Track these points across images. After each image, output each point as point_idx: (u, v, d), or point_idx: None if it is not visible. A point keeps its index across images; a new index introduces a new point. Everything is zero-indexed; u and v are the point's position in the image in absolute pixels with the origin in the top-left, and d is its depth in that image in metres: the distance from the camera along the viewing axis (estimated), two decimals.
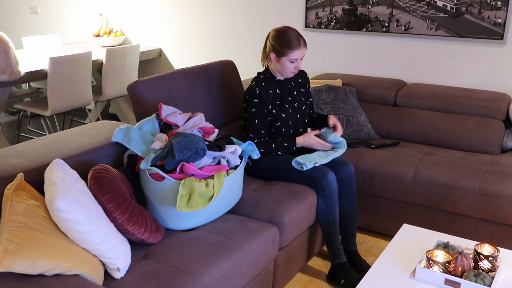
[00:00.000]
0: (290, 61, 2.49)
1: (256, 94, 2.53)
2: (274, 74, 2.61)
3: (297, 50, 2.46)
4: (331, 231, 2.47)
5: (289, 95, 2.65)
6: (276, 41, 2.49)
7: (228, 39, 4.38)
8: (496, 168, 2.72)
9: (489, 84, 3.37)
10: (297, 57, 2.48)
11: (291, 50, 2.46)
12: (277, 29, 2.52)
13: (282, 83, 2.63)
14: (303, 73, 2.75)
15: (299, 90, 2.70)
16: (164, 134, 2.27)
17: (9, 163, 1.92)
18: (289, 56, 2.47)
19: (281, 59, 2.50)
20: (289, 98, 2.64)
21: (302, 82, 2.73)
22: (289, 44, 2.46)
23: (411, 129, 3.23)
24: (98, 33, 4.92)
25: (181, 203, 1.96)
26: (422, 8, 3.42)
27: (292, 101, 2.64)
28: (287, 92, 2.64)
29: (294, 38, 2.46)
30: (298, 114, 2.66)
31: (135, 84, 2.54)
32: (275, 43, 2.50)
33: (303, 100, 2.69)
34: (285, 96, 2.62)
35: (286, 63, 2.50)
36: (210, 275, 1.81)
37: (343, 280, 2.45)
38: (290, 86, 2.66)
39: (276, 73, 2.60)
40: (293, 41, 2.46)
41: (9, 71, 3.50)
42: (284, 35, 2.48)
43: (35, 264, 1.48)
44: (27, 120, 5.23)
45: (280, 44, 2.47)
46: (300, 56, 2.49)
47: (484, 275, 1.76)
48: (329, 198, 2.45)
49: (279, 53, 2.49)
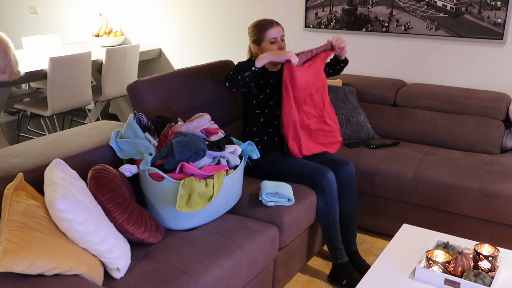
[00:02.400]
0: (270, 43, 2.56)
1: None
2: (266, 68, 2.66)
3: (271, 28, 2.57)
4: (332, 231, 2.47)
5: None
6: (252, 31, 2.62)
7: (228, 39, 4.38)
8: (496, 168, 2.72)
9: (489, 84, 3.37)
10: (275, 35, 2.56)
11: (265, 31, 2.56)
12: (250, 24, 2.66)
13: (274, 73, 2.66)
14: None
15: None
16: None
17: (9, 163, 1.92)
18: (267, 37, 2.56)
19: (262, 45, 2.59)
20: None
21: None
22: (262, 27, 2.57)
23: (411, 129, 3.23)
24: (98, 33, 4.92)
25: (181, 203, 1.96)
26: (422, 8, 3.42)
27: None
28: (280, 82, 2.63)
29: (265, 21, 2.59)
30: None
31: (135, 84, 2.54)
32: (252, 33, 2.63)
33: None
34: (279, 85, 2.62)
35: (267, 46, 2.58)
36: (210, 275, 1.81)
37: (345, 281, 2.45)
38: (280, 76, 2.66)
39: (267, 65, 2.64)
40: (265, 23, 2.58)
41: (9, 71, 3.50)
42: (256, 23, 2.63)
43: (35, 264, 1.48)
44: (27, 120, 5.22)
45: (255, 31, 2.60)
46: (278, 35, 2.57)
47: (484, 275, 1.76)
48: (329, 198, 2.44)
49: (259, 40, 2.59)
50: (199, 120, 2.36)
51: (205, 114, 2.42)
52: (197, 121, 2.36)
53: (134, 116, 2.28)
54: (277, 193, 2.33)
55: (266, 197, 2.32)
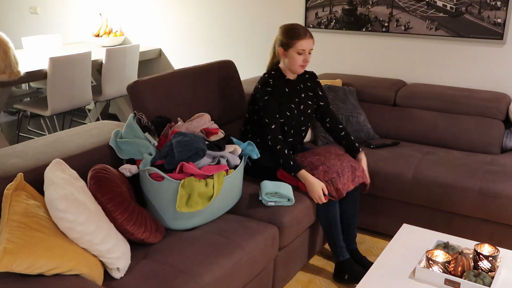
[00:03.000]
0: (297, 53, 2.50)
1: (270, 84, 2.55)
2: (284, 73, 2.62)
3: (304, 40, 2.48)
4: (333, 230, 2.47)
5: (296, 96, 2.64)
6: (283, 34, 2.53)
7: (228, 39, 4.38)
8: (496, 168, 2.72)
9: (489, 84, 3.37)
10: (304, 47, 2.49)
11: (297, 40, 2.48)
12: (284, 24, 2.57)
13: (291, 83, 2.63)
14: (313, 76, 2.74)
15: (307, 93, 2.68)
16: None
17: (9, 163, 1.92)
18: (296, 47, 2.48)
19: (289, 51, 2.52)
20: (296, 99, 2.63)
21: (311, 86, 2.71)
22: (295, 35, 2.49)
23: (411, 129, 3.23)
24: (97, 33, 4.92)
25: (181, 203, 1.96)
26: (421, 8, 3.42)
27: (299, 102, 2.63)
28: (295, 92, 2.64)
29: (300, 29, 2.51)
30: (303, 117, 2.65)
31: (135, 84, 2.54)
32: (282, 36, 2.54)
33: (309, 104, 2.68)
34: (293, 96, 2.62)
35: (294, 55, 2.51)
36: (210, 275, 1.81)
37: (346, 276, 2.46)
38: (299, 87, 2.66)
39: (286, 71, 2.61)
40: (299, 31, 2.49)
41: (9, 71, 3.50)
42: (291, 27, 2.53)
43: (35, 264, 1.48)
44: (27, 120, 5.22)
45: (287, 36, 2.51)
46: (307, 47, 2.50)
47: (484, 275, 1.76)
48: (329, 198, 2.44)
49: (286, 46, 2.51)
50: (199, 120, 2.36)
51: (205, 114, 2.42)
52: (197, 121, 2.36)
53: (134, 116, 2.28)
54: (277, 193, 2.33)
55: (266, 197, 2.32)
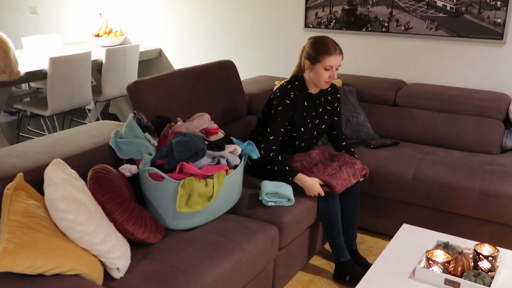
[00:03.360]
0: (324, 69, 2.43)
1: (290, 96, 2.50)
2: (308, 85, 2.57)
3: (333, 56, 2.41)
4: (333, 231, 2.47)
5: (314, 110, 2.61)
6: (312, 47, 2.46)
7: (228, 39, 4.38)
8: (496, 168, 2.72)
9: (489, 84, 3.37)
10: (332, 64, 2.42)
11: (326, 56, 2.40)
12: (314, 37, 2.50)
13: (311, 97, 2.59)
14: (335, 91, 2.69)
15: (325, 107, 2.66)
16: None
17: (9, 163, 1.92)
18: (324, 63, 2.41)
19: (316, 66, 2.44)
20: (313, 113, 2.61)
21: (331, 101, 2.68)
22: (324, 50, 2.41)
23: (411, 129, 3.23)
24: (97, 33, 4.92)
25: (181, 203, 1.96)
26: (421, 8, 3.42)
27: (315, 116, 2.61)
28: (313, 107, 2.60)
29: (330, 45, 2.43)
30: (316, 131, 2.64)
31: (135, 84, 2.54)
32: (310, 49, 2.46)
33: (325, 119, 2.66)
34: (310, 110, 2.59)
35: (320, 71, 2.44)
36: (210, 275, 1.81)
37: (348, 277, 2.46)
38: (319, 101, 2.62)
39: (310, 84, 2.55)
40: (329, 47, 2.42)
41: (9, 71, 3.50)
42: (321, 41, 2.46)
43: (35, 264, 1.48)
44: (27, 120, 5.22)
45: (316, 50, 2.44)
46: (335, 64, 2.43)
47: (483, 275, 1.76)
48: (330, 198, 2.44)
49: (314, 60, 2.44)
50: (199, 120, 2.36)
51: (205, 114, 2.42)
52: (197, 121, 2.36)
53: (134, 116, 2.28)
54: (277, 193, 2.33)
55: (266, 197, 2.32)
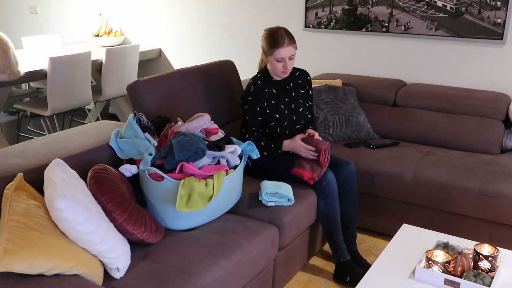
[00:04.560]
0: (276, 60, 2.49)
1: (250, 92, 2.55)
2: (271, 75, 2.62)
3: (281, 48, 2.44)
4: (333, 231, 2.47)
5: (286, 95, 2.64)
6: (264, 40, 2.53)
7: (228, 39, 4.38)
8: (496, 168, 2.72)
9: (488, 84, 3.37)
10: (282, 55, 2.46)
11: (275, 49, 2.46)
12: (266, 29, 2.55)
13: (279, 83, 2.63)
14: (304, 74, 2.73)
15: (298, 91, 2.68)
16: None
17: (9, 163, 1.92)
18: (275, 55, 2.47)
19: (269, 58, 2.52)
20: (286, 99, 2.63)
21: (302, 84, 2.71)
22: (273, 43, 2.47)
23: (410, 129, 3.23)
24: (97, 33, 4.92)
25: (181, 203, 1.96)
26: (421, 8, 3.42)
27: (289, 101, 2.63)
28: (284, 93, 2.63)
29: (279, 37, 2.46)
30: (295, 116, 2.65)
31: (135, 84, 2.54)
32: (263, 42, 2.54)
33: (301, 102, 2.67)
34: (281, 96, 2.62)
35: (274, 63, 2.51)
36: (209, 275, 1.81)
37: (348, 277, 2.46)
38: (288, 87, 2.65)
39: (272, 73, 2.61)
40: (278, 40, 2.46)
41: (9, 71, 3.50)
42: (271, 34, 2.50)
43: (35, 264, 1.48)
44: (27, 120, 5.22)
45: (267, 43, 2.51)
46: (286, 55, 2.46)
47: (483, 275, 1.76)
48: (330, 199, 2.44)
49: (266, 53, 2.53)
50: (199, 120, 2.36)
51: (205, 114, 2.42)
52: (197, 121, 2.35)
53: (134, 116, 2.28)
54: (277, 193, 2.33)
55: (266, 197, 2.32)
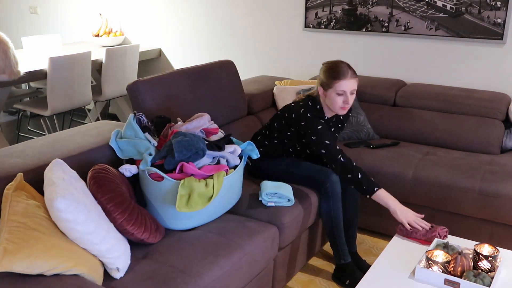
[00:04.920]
0: (337, 94, 2.36)
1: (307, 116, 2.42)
2: (324, 110, 2.50)
3: (344, 80, 2.34)
4: (335, 232, 2.46)
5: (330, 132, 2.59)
6: (324, 73, 2.41)
7: (228, 39, 4.38)
8: (495, 168, 2.72)
9: (488, 84, 3.37)
10: (344, 88, 2.35)
11: (337, 81, 2.34)
12: (326, 62, 2.46)
13: (328, 122, 2.56)
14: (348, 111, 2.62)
15: (337, 125, 2.65)
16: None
17: (9, 163, 1.92)
18: (336, 88, 2.35)
19: (328, 92, 2.39)
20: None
21: (343, 119, 2.66)
22: (335, 75, 2.35)
23: (410, 129, 3.23)
24: (97, 33, 4.92)
25: (181, 203, 1.96)
26: (421, 8, 3.43)
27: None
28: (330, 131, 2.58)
29: (342, 69, 2.36)
30: None
31: (135, 84, 2.54)
32: (323, 75, 2.42)
33: (336, 136, 2.67)
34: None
35: (333, 97, 2.38)
36: (209, 275, 1.81)
37: (348, 281, 2.45)
38: (331, 123, 2.60)
39: (326, 109, 2.49)
40: (340, 72, 2.36)
41: (9, 71, 3.50)
42: (332, 66, 2.40)
43: (35, 264, 1.48)
44: (27, 120, 5.22)
45: (327, 75, 2.39)
46: (348, 89, 2.35)
47: (483, 275, 1.76)
48: (332, 200, 2.42)
49: (326, 86, 2.39)
50: (199, 120, 2.36)
51: (204, 114, 2.42)
52: (197, 121, 2.35)
53: (134, 116, 2.28)
54: (277, 194, 2.33)
55: (266, 197, 2.32)
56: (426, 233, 2.15)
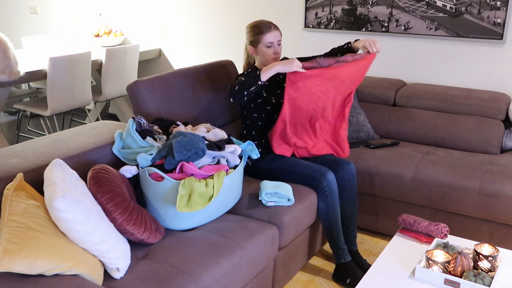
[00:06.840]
0: (266, 46, 2.56)
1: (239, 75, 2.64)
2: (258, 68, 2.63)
3: (269, 33, 2.56)
4: (334, 231, 2.47)
5: (277, 87, 2.67)
6: (250, 33, 2.61)
7: (228, 39, 4.38)
8: (495, 168, 2.72)
9: (488, 84, 3.37)
10: (271, 40, 2.56)
11: (263, 34, 2.55)
12: (249, 23, 2.65)
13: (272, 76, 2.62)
14: None
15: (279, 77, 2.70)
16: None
17: (9, 163, 1.92)
18: (264, 41, 2.56)
19: (258, 48, 2.59)
20: (278, 91, 2.66)
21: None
22: (259, 30, 2.56)
23: (410, 129, 3.23)
24: (97, 33, 4.92)
25: (181, 203, 1.96)
26: (421, 8, 3.43)
27: (281, 94, 2.65)
28: (275, 84, 2.66)
29: (264, 24, 2.58)
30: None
31: (135, 84, 2.54)
32: (249, 35, 2.62)
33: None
34: (273, 88, 2.65)
35: (264, 50, 2.58)
36: (209, 275, 1.82)
37: (348, 279, 2.46)
38: (279, 79, 2.67)
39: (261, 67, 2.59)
40: (263, 26, 2.57)
41: (9, 71, 3.50)
42: (255, 24, 2.63)
43: (35, 264, 1.48)
44: (27, 120, 5.22)
45: (253, 33, 2.59)
46: (275, 39, 2.57)
47: (483, 275, 1.76)
48: (330, 199, 2.44)
49: (255, 43, 2.60)
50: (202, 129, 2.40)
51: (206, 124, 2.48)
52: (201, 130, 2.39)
53: (133, 122, 2.26)
54: (277, 193, 2.33)
55: (265, 197, 2.32)
56: (428, 225, 2.18)
